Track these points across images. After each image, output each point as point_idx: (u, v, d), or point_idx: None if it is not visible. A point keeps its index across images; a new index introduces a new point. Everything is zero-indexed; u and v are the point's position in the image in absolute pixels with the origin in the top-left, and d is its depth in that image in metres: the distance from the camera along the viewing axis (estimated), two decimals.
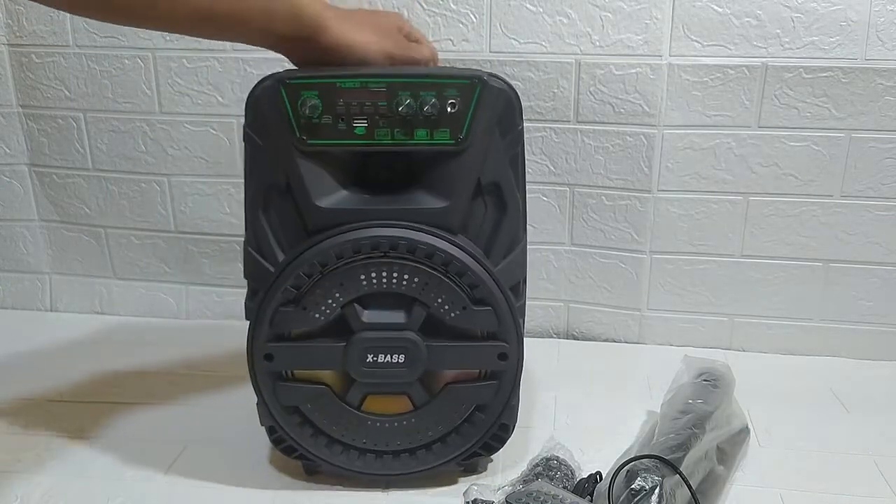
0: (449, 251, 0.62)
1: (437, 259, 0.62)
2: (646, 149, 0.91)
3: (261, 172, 0.64)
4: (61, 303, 1.10)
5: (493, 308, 0.64)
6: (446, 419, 0.67)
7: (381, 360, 0.65)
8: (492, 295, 0.64)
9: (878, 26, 0.84)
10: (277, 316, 0.64)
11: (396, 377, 0.65)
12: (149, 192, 1.02)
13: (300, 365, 0.66)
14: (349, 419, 0.67)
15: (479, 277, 0.63)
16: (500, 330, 0.65)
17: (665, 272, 0.97)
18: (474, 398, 0.67)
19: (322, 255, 0.62)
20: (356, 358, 0.65)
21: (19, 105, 1.02)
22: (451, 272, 0.63)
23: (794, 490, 0.69)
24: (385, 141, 0.62)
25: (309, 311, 0.64)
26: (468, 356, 0.66)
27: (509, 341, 0.65)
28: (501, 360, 0.66)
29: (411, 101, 0.60)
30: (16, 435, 0.77)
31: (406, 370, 0.65)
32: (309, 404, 0.66)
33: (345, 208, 0.63)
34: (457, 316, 0.64)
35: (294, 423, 0.67)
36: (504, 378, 0.66)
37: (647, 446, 0.66)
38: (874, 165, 0.89)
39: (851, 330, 0.95)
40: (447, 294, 0.64)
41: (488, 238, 0.65)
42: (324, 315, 0.64)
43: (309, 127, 0.61)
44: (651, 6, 0.87)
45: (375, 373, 0.65)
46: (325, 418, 0.67)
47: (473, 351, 0.66)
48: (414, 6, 0.90)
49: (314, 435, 0.67)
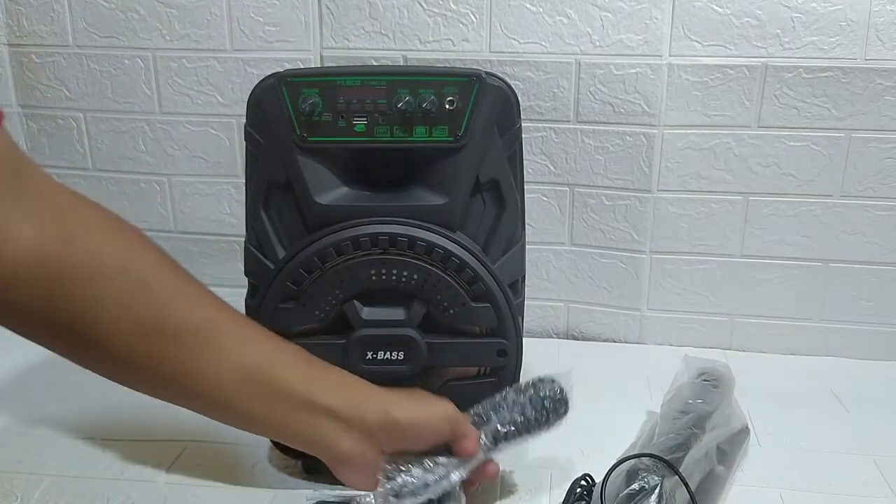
0: (448, 248, 0.63)
1: (437, 255, 0.63)
2: (646, 149, 0.91)
3: (261, 170, 0.64)
4: None
5: (492, 305, 0.65)
6: None
7: (381, 356, 0.65)
8: (491, 292, 0.64)
9: (878, 26, 0.84)
10: (278, 313, 0.64)
11: (396, 373, 0.65)
12: (149, 192, 1.02)
13: None
14: None
15: (479, 274, 0.64)
16: (499, 327, 0.65)
17: (665, 272, 0.97)
18: (473, 396, 0.66)
19: (322, 251, 0.62)
20: (356, 354, 0.65)
21: (19, 105, 1.02)
22: (451, 269, 0.63)
23: (794, 490, 0.69)
24: (384, 138, 0.63)
25: (309, 307, 0.64)
26: (467, 353, 0.66)
27: (508, 338, 0.66)
28: (501, 356, 0.66)
29: (410, 99, 0.61)
30: (16, 435, 0.77)
31: (406, 367, 0.65)
32: None
33: (344, 205, 0.64)
34: (456, 312, 0.64)
35: None
36: (503, 375, 0.67)
37: (647, 446, 0.66)
38: (874, 165, 0.89)
39: (851, 330, 0.95)
40: (446, 291, 0.64)
41: (487, 235, 0.66)
42: (324, 312, 0.64)
43: (309, 124, 0.62)
44: (651, 6, 0.87)
45: (375, 369, 0.65)
46: None
47: (473, 347, 0.66)
48: (414, 6, 0.90)
49: None
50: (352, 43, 0.92)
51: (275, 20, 0.93)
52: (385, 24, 0.91)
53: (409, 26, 0.91)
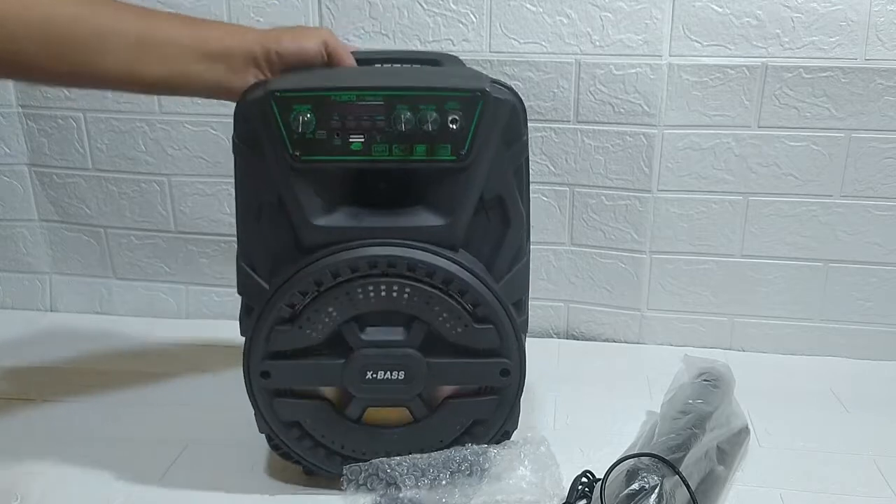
0: (450, 269, 0.61)
1: (438, 277, 0.61)
2: (646, 149, 0.91)
3: (252, 187, 0.62)
4: (61, 303, 1.10)
5: (495, 326, 0.63)
6: (446, 432, 0.66)
7: (381, 376, 0.63)
8: (494, 313, 0.62)
9: (878, 26, 0.84)
10: (273, 334, 0.62)
11: (396, 392, 0.64)
12: (149, 192, 1.02)
13: (298, 382, 0.65)
14: (349, 432, 0.66)
15: (482, 296, 0.62)
16: (501, 346, 0.64)
17: (665, 272, 0.97)
18: (474, 413, 0.66)
19: (318, 273, 0.60)
20: (355, 375, 0.63)
21: (19, 105, 1.02)
22: (453, 290, 0.61)
23: (794, 490, 0.69)
24: (383, 157, 0.59)
25: (305, 329, 0.62)
26: (469, 372, 0.64)
27: (511, 357, 0.64)
28: (503, 375, 0.64)
29: (410, 116, 0.58)
30: (16, 435, 0.77)
31: (406, 386, 0.64)
32: (308, 419, 0.66)
33: (341, 226, 0.61)
34: (458, 333, 0.63)
35: (293, 436, 0.66)
36: (505, 393, 0.65)
37: (647, 446, 0.66)
38: (874, 165, 0.89)
39: (851, 330, 0.95)
40: (448, 312, 0.62)
41: (490, 252, 0.64)
42: (321, 333, 0.62)
43: (302, 142, 0.59)
44: (651, 6, 0.87)
45: (375, 388, 0.64)
46: (324, 432, 0.66)
47: (475, 367, 0.64)
48: (414, 6, 0.90)
49: (314, 447, 0.67)
50: (352, 43, 0.92)
51: (275, 20, 0.93)
52: (385, 24, 0.91)
53: (409, 26, 0.91)
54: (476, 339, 0.63)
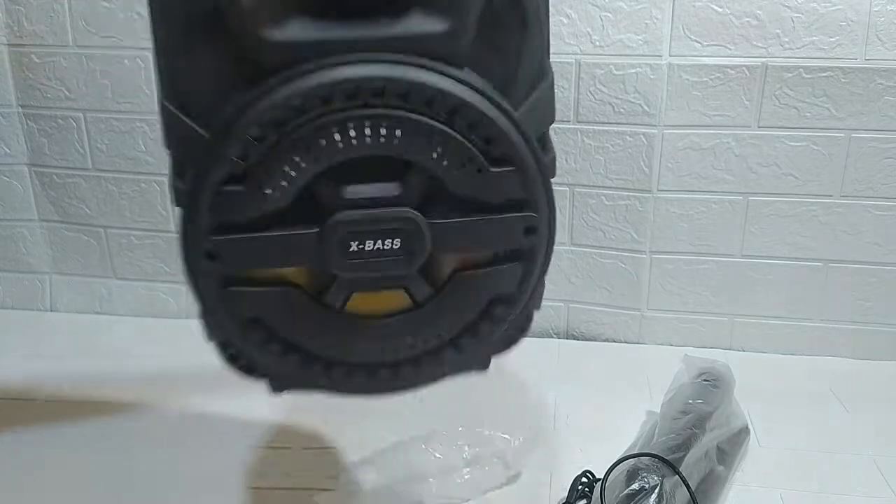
0: (455, 92, 0.45)
1: (440, 105, 0.45)
2: (646, 149, 0.91)
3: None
4: (61, 303, 1.10)
5: (517, 167, 0.47)
6: (457, 317, 0.51)
7: (369, 247, 0.47)
8: (515, 150, 0.47)
9: (878, 26, 0.84)
10: (220, 198, 0.45)
11: (390, 268, 0.47)
12: (149, 192, 1.02)
13: (256, 262, 0.47)
14: (329, 327, 0.49)
15: (498, 127, 0.46)
16: (526, 196, 0.48)
17: (665, 272, 0.97)
18: (494, 287, 0.50)
19: (277, 109, 0.43)
20: (336, 247, 0.46)
21: (19, 105, 1.02)
22: (460, 122, 0.46)
23: (794, 490, 0.69)
24: None
25: (263, 188, 0.45)
26: (486, 234, 0.48)
27: (538, 210, 0.48)
28: (529, 234, 0.49)
29: None
30: (16, 435, 0.77)
31: (403, 259, 0.47)
32: (273, 314, 0.49)
33: (306, 40, 0.43)
34: (469, 182, 0.47)
35: (254, 340, 0.49)
36: (532, 257, 0.50)
37: (647, 446, 0.66)
38: (874, 165, 0.89)
39: (851, 330, 0.95)
40: (455, 153, 0.46)
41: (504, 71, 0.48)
42: (285, 193, 0.46)
43: None
44: (651, 6, 0.87)
45: (361, 265, 0.47)
46: (296, 330, 0.49)
47: (492, 226, 0.48)
48: None
49: (284, 353, 0.49)
50: None
51: None
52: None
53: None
54: (492, 188, 0.47)
